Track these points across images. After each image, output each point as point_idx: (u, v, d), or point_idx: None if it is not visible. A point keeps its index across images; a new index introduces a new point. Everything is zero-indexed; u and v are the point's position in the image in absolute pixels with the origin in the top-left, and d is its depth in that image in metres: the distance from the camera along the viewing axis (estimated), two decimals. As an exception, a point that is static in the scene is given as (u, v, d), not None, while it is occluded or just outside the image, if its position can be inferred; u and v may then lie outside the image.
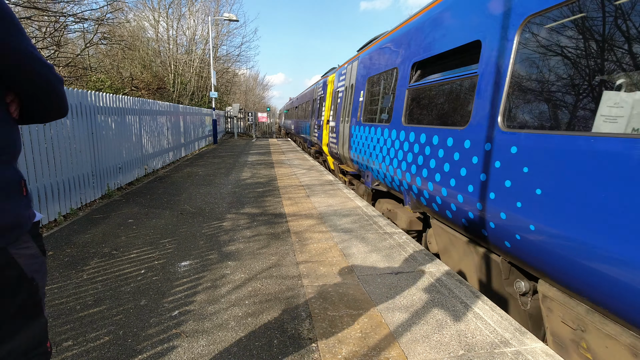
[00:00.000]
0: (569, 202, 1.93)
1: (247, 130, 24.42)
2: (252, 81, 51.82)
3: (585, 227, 1.84)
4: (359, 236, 3.72)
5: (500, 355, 1.86)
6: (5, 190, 0.86)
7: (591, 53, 2.00)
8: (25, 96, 0.93)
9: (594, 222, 1.81)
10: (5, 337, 0.87)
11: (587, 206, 1.84)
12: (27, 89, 0.91)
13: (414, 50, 3.99)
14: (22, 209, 0.91)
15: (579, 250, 1.87)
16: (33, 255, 0.94)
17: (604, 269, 1.76)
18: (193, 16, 21.17)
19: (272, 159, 10.81)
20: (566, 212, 1.95)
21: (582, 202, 1.86)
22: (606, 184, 1.75)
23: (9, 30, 0.82)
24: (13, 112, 0.93)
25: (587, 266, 1.84)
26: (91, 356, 1.81)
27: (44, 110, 1.00)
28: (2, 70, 0.83)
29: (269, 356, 1.84)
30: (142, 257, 3.08)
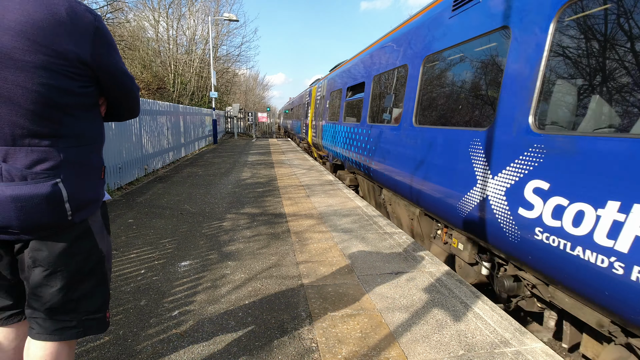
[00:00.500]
0: (377, 150, 4.95)
1: (247, 130, 24.43)
2: (252, 81, 51.86)
3: (376, 157, 4.88)
4: (359, 236, 3.72)
5: (500, 355, 1.86)
6: (94, 172, 1.16)
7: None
8: (111, 99, 1.24)
9: (375, 153, 4.95)
10: (75, 293, 1.13)
11: (380, 150, 4.86)
12: (114, 94, 1.22)
13: (345, 79, 7.34)
14: (100, 188, 1.20)
15: (379, 167, 4.82)
16: (100, 228, 1.22)
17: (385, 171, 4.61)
18: (193, 16, 21.18)
19: (272, 159, 10.82)
20: (375, 154, 5.00)
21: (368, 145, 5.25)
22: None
23: (110, 53, 1.13)
24: (102, 112, 1.24)
25: (384, 174, 4.71)
26: (91, 356, 1.81)
27: (122, 111, 1.30)
28: (103, 81, 1.14)
29: (269, 356, 1.84)
30: (142, 257, 3.08)
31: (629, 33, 1.77)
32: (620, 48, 1.84)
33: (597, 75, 1.96)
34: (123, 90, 1.23)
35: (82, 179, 1.11)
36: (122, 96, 1.25)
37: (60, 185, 1.04)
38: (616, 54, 1.86)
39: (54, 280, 1.09)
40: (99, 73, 1.11)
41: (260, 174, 7.77)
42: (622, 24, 1.81)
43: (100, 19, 1.10)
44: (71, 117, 1.07)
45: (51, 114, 1.01)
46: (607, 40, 1.89)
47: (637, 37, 1.73)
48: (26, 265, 1.09)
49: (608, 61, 1.89)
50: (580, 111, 2.04)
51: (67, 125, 1.06)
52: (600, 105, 1.93)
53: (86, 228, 1.16)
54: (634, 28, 1.74)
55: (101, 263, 1.22)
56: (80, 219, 1.12)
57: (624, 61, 1.81)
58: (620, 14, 1.81)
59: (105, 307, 1.24)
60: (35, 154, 1.00)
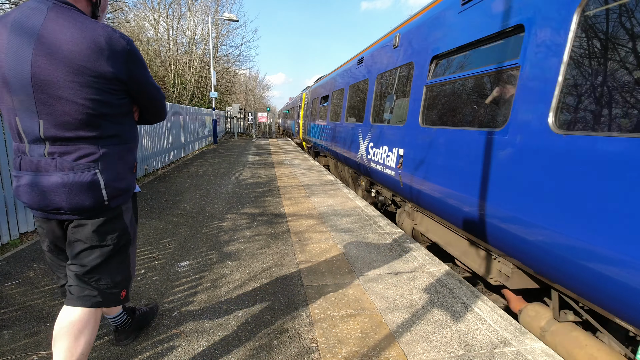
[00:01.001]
0: (334, 138, 7.97)
1: (247, 130, 24.42)
2: (252, 81, 51.82)
3: (327, 141, 8.54)
4: (359, 236, 3.72)
5: (500, 355, 1.86)
6: (127, 166, 1.43)
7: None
8: (141, 107, 1.51)
9: (333, 140, 7.98)
10: (101, 267, 1.38)
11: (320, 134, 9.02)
12: (143, 103, 1.49)
13: (319, 92, 10.50)
14: (131, 180, 1.47)
15: (334, 149, 7.89)
16: (131, 217, 1.50)
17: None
18: (193, 16, 21.16)
19: (272, 159, 10.82)
20: (330, 140, 8.29)
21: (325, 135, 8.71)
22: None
23: (139, 70, 1.38)
24: (135, 117, 1.53)
25: (337, 153, 7.62)
26: (91, 356, 1.81)
27: (150, 116, 1.57)
28: (134, 93, 1.41)
29: (269, 356, 1.84)
30: (142, 257, 3.08)
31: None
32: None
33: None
34: (150, 98, 1.50)
35: (116, 171, 1.38)
36: (150, 104, 1.52)
37: (99, 175, 1.31)
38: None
39: (87, 254, 1.37)
40: (131, 86, 1.38)
41: (260, 174, 7.77)
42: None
43: (132, 42, 1.35)
44: (110, 123, 1.35)
45: (94, 120, 1.29)
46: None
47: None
48: (67, 241, 1.38)
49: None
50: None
51: (107, 128, 1.34)
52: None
53: (119, 213, 1.43)
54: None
55: (126, 246, 1.49)
56: (115, 204, 1.40)
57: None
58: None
59: (122, 285, 1.48)
60: (81, 150, 1.29)
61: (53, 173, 1.27)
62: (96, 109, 1.29)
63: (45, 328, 2.04)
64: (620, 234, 1.64)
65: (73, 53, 1.20)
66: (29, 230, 3.71)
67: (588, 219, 1.80)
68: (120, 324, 1.83)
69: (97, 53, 1.23)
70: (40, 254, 3.13)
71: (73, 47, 1.20)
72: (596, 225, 1.75)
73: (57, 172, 1.27)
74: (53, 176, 1.27)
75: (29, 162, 1.29)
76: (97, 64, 1.24)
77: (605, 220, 1.72)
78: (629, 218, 1.61)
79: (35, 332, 2.00)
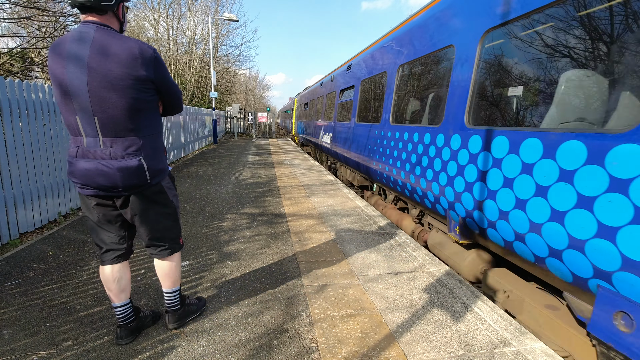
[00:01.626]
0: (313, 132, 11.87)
1: (247, 130, 24.41)
2: (252, 81, 51.78)
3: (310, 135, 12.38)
4: (359, 236, 3.72)
5: (500, 355, 1.86)
6: (160, 151, 1.83)
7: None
8: (165, 101, 1.87)
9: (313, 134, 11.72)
10: (160, 229, 1.88)
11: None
12: (167, 98, 1.85)
13: (303, 100, 15.12)
14: (165, 162, 1.87)
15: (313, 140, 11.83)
16: (170, 188, 1.93)
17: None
18: (193, 16, 21.16)
19: (272, 158, 10.82)
20: (312, 134, 12.15)
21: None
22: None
23: (163, 72, 1.74)
24: (160, 110, 1.89)
25: (315, 142, 11.29)
26: (91, 356, 1.81)
27: (171, 108, 1.94)
28: (161, 89, 1.77)
29: (268, 356, 1.84)
30: (142, 257, 3.08)
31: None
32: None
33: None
34: (171, 93, 1.86)
35: (154, 156, 1.78)
36: (171, 98, 1.87)
37: (142, 160, 1.70)
38: None
39: (146, 221, 1.83)
40: (158, 85, 1.74)
41: (260, 174, 7.77)
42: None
43: (156, 51, 1.72)
44: (145, 117, 1.72)
45: (135, 115, 1.67)
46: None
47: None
48: (130, 216, 1.81)
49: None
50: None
51: (143, 121, 1.71)
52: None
53: (160, 187, 1.86)
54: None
55: (173, 209, 1.95)
56: (156, 182, 1.81)
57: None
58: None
59: (179, 236, 2.03)
60: (127, 141, 1.67)
61: (109, 160, 1.64)
62: (135, 105, 1.65)
63: (45, 328, 2.04)
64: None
65: (116, 63, 1.58)
66: (29, 230, 3.71)
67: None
68: (173, 303, 2.05)
69: (134, 61, 1.61)
70: (40, 254, 3.13)
71: (116, 59, 1.58)
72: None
73: (112, 160, 1.65)
74: (111, 163, 1.64)
75: (87, 151, 1.65)
76: (135, 70, 1.61)
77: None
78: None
79: (35, 332, 2.00)
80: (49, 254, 3.15)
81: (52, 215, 4.09)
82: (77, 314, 2.19)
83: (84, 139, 1.66)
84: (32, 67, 9.37)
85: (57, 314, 2.18)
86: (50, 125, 4.10)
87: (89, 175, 1.65)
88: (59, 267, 2.86)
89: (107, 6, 1.64)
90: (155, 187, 1.83)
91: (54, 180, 4.15)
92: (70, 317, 2.15)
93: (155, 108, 1.80)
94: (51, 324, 2.07)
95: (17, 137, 3.55)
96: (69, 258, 3.06)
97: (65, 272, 2.78)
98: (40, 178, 3.90)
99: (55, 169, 4.18)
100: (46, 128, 4.03)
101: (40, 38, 8.65)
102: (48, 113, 4.07)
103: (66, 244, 3.40)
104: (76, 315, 2.18)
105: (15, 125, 3.52)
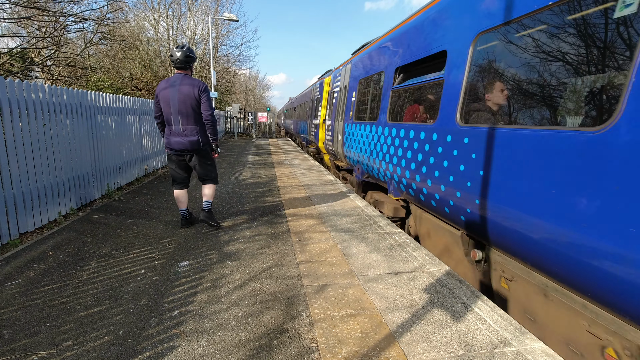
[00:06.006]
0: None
1: (247, 130, 24.41)
2: (252, 81, 51.78)
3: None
4: (359, 236, 3.72)
5: (500, 355, 1.86)
6: (206, 133, 3.77)
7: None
8: (204, 110, 3.66)
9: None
10: (208, 169, 3.88)
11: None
12: (206, 109, 3.66)
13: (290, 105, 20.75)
14: (208, 138, 3.81)
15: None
16: (210, 151, 3.92)
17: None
18: (193, 16, 21.15)
19: (272, 159, 10.81)
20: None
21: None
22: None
23: (208, 95, 3.67)
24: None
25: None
26: (91, 356, 1.81)
27: (205, 113, 3.68)
28: (203, 104, 3.64)
29: (269, 356, 1.84)
30: (142, 257, 3.08)
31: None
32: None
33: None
34: (207, 107, 3.65)
35: (204, 134, 3.72)
36: (206, 108, 3.64)
37: (199, 137, 3.66)
38: None
39: (200, 166, 3.82)
40: (202, 102, 3.62)
41: (261, 174, 7.77)
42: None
43: (206, 86, 3.65)
44: (198, 116, 3.66)
45: (195, 115, 3.63)
46: None
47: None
48: (192, 164, 3.82)
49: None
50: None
51: (198, 118, 3.66)
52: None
53: (207, 150, 3.83)
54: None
55: (213, 161, 3.98)
56: (205, 147, 3.77)
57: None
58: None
59: (217, 175, 3.99)
60: (192, 126, 3.63)
61: (185, 137, 3.60)
62: (196, 111, 3.61)
63: (45, 328, 2.04)
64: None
65: (189, 91, 3.55)
66: (29, 230, 3.71)
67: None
68: (207, 208, 3.85)
69: (195, 89, 3.56)
70: (40, 254, 3.14)
71: (189, 88, 3.55)
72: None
73: (187, 136, 3.61)
74: (186, 138, 3.60)
75: (176, 131, 3.60)
76: (195, 94, 3.56)
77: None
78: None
79: (35, 332, 2.00)
80: (49, 254, 3.15)
81: (53, 215, 4.09)
82: (77, 314, 2.19)
83: (173, 126, 3.61)
84: (32, 67, 9.36)
85: (57, 314, 2.18)
86: (50, 125, 4.09)
87: (176, 143, 3.63)
88: (59, 267, 2.86)
89: (189, 70, 3.73)
90: (204, 150, 3.78)
91: (54, 180, 4.14)
92: (70, 317, 2.15)
93: (201, 113, 3.67)
94: (51, 324, 2.07)
95: (17, 137, 3.55)
96: (69, 258, 3.06)
97: (65, 272, 2.78)
98: (40, 178, 3.90)
99: (55, 168, 4.18)
100: (46, 128, 4.03)
101: (40, 38, 8.65)
102: (48, 113, 4.07)
103: (66, 244, 3.40)
104: (76, 315, 2.18)
105: (15, 125, 3.52)
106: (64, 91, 4.43)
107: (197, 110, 3.57)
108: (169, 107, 3.53)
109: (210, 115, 3.63)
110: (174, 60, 3.56)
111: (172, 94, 3.50)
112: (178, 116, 3.52)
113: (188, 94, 3.49)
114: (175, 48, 3.58)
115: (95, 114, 5.19)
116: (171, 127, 3.57)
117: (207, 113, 3.61)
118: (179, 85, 3.51)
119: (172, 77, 3.60)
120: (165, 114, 3.58)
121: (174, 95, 3.50)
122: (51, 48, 9.11)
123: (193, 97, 3.51)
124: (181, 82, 3.53)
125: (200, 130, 3.63)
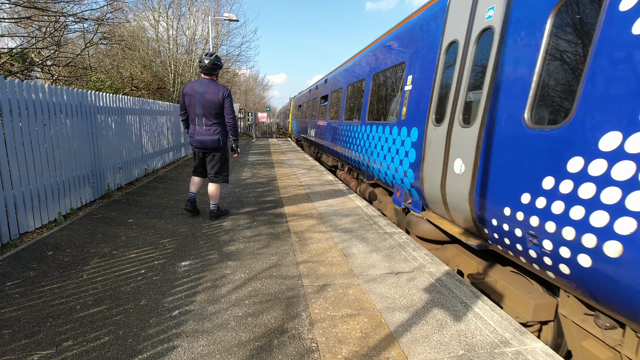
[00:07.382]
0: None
1: (247, 130, 24.41)
2: (252, 81, 51.72)
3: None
4: (359, 236, 3.72)
5: (500, 355, 1.86)
6: (226, 133, 4.22)
7: None
8: (226, 111, 4.08)
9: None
10: (221, 165, 4.24)
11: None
12: (228, 111, 4.07)
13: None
14: (227, 139, 4.27)
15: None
16: (227, 150, 4.34)
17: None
18: (193, 16, 21.14)
19: (272, 158, 10.81)
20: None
21: None
22: None
23: (230, 99, 4.05)
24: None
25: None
26: (91, 356, 1.81)
27: (227, 115, 4.10)
28: (226, 107, 4.06)
29: (269, 356, 1.83)
30: (142, 257, 3.08)
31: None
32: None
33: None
34: (229, 110, 4.07)
35: (224, 134, 4.15)
36: (228, 112, 4.07)
37: (220, 136, 4.07)
38: None
39: (215, 163, 4.20)
40: (225, 105, 4.02)
41: (261, 174, 7.77)
42: None
43: (229, 90, 4.04)
44: (220, 117, 4.08)
45: (217, 116, 4.03)
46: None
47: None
48: (207, 160, 4.22)
49: None
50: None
51: (220, 118, 4.08)
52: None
53: (225, 149, 4.21)
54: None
55: (227, 159, 4.33)
56: (223, 146, 4.17)
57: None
58: None
59: (227, 173, 4.33)
60: (215, 126, 4.04)
61: (208, 136, 4.02)
62: (219, 113, 4.02)
63: (45, 328, 2.04)
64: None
65: (213, 95, 3.93)
66: (29, 230, 3.71)
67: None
68: (216, 210, 4.27)
69: (219, 94, 3.94)
70: (40, 254, 3.14)
71: (214, 93, 3.93)
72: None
73: (209, 135, 4.03)
74: (208, 137, 4.03)
75: (199, 130, 4.02)
76: (219, 98, 3.94)
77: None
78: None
79: (35, 332, 2.00)
80: (49, 254, 3.15)
81: (53, 215, 4.09)
82: (77, 314, 2.19)
83: (196, 126, 4.00)
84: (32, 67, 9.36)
85: (57, 314, 2.18)
86: (50, 125, 4.09)
87: (199, 141, 4.03)
88: (59, 267, 2.86)
89: (214, 75, 4.07)
90: (222, 149, 4.15)
91: (54, 180, 4.14)
92: (70, 317, 2.15)
93: (223, 114, 4.06)
94: (51, 324, 2.07)
95: (17, 137, 3.55)
96: (69, 258, 3.06)
97: (65, 272, 2.78)
98: (40, 178, 3.90)
99: (55, 168, 4.18)
100: (46, 128, 4.03)
101: (40, 38, 8.65)
102: (48, 113, 4.07)
103: (66, 244, 3.40)
104: (76, 315, 2.18)
105: (15, 125, 3.52)
106: (64, 91, 4.43)
107: (219, 112, 3.98)
108: (194, 108, 3.93)
109: (232, 118, 4.04)
110: (202, 67, 3.92)
111: (198, 97, 3.89)
112: (202, 117, 3.94)
113: (212, 99, 3.88)
114: (204, 55, 3.95)
115: (95, 114, 5.19)
116: (195, 126, 3.99)
117: (229, 116, 4.02)
118: (205, 89, 3.89)
119: (198, 81, 3.96)
120: (190, 114, 3.98)
121: (200, 99, 3.89)
122: (51, 48, 9.11)
123: (217, 101, 3.90)
124: (207, 87, 3.90)
125: (222, 130, 4.06)
